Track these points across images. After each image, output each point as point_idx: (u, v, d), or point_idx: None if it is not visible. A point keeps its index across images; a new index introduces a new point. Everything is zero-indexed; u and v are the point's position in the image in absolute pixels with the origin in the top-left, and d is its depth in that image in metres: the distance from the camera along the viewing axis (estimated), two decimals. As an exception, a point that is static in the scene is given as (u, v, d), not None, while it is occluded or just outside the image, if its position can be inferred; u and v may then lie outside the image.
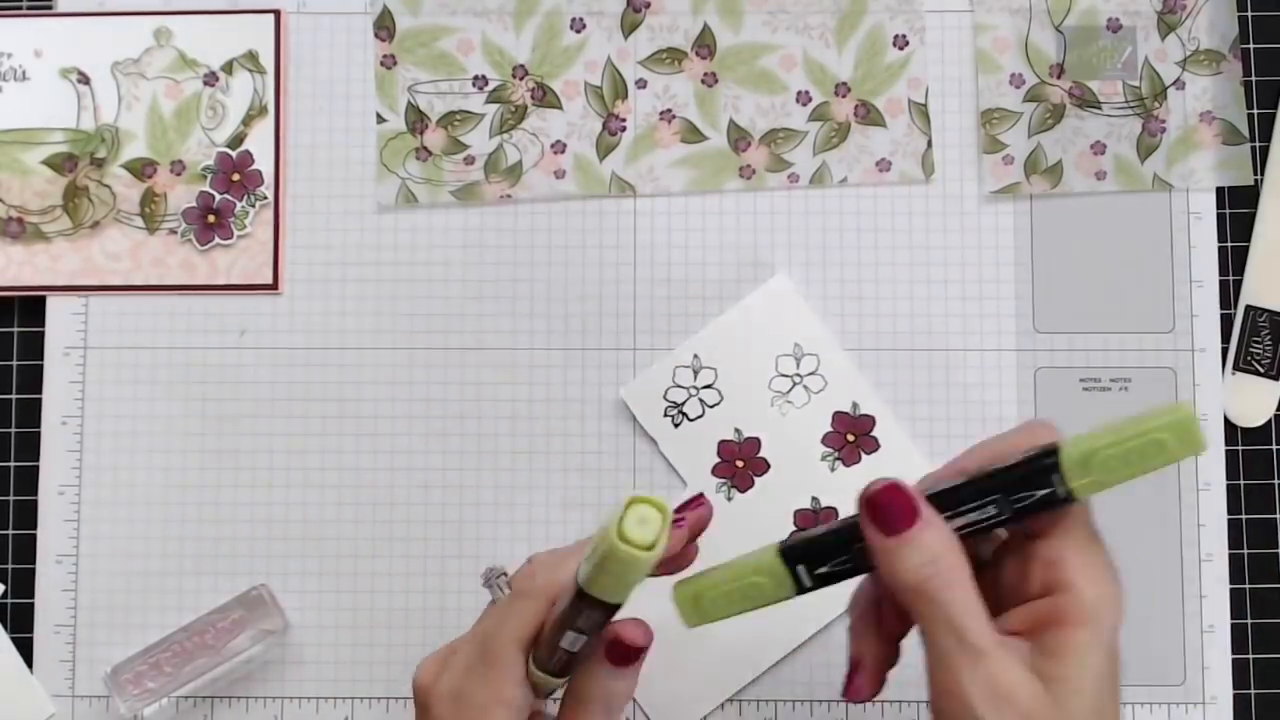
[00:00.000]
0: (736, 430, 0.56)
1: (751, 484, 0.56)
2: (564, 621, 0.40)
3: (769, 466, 0.56)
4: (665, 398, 0.56)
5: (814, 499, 0.56)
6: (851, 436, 0.56)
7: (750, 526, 0.55)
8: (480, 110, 0.58)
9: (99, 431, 0.57)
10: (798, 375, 0.56)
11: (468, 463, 0.57)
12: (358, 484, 0.56)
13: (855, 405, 0.56)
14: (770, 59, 0.58)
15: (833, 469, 0.56)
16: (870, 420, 0.56)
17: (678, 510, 0.43)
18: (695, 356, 0.56)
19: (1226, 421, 0.56)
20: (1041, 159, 0.57)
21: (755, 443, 0.56)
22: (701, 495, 0.44)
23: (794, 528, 0.56)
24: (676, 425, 0.56)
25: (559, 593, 0.41)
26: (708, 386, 0.56)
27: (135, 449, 0.57)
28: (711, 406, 0.56)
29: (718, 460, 0.56)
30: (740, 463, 0.56)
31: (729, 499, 0.56)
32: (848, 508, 0.55)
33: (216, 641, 0.54)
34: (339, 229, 0.58)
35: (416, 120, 0.58)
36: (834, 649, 0.56)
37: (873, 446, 0.56)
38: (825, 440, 0.56)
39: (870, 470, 0.56)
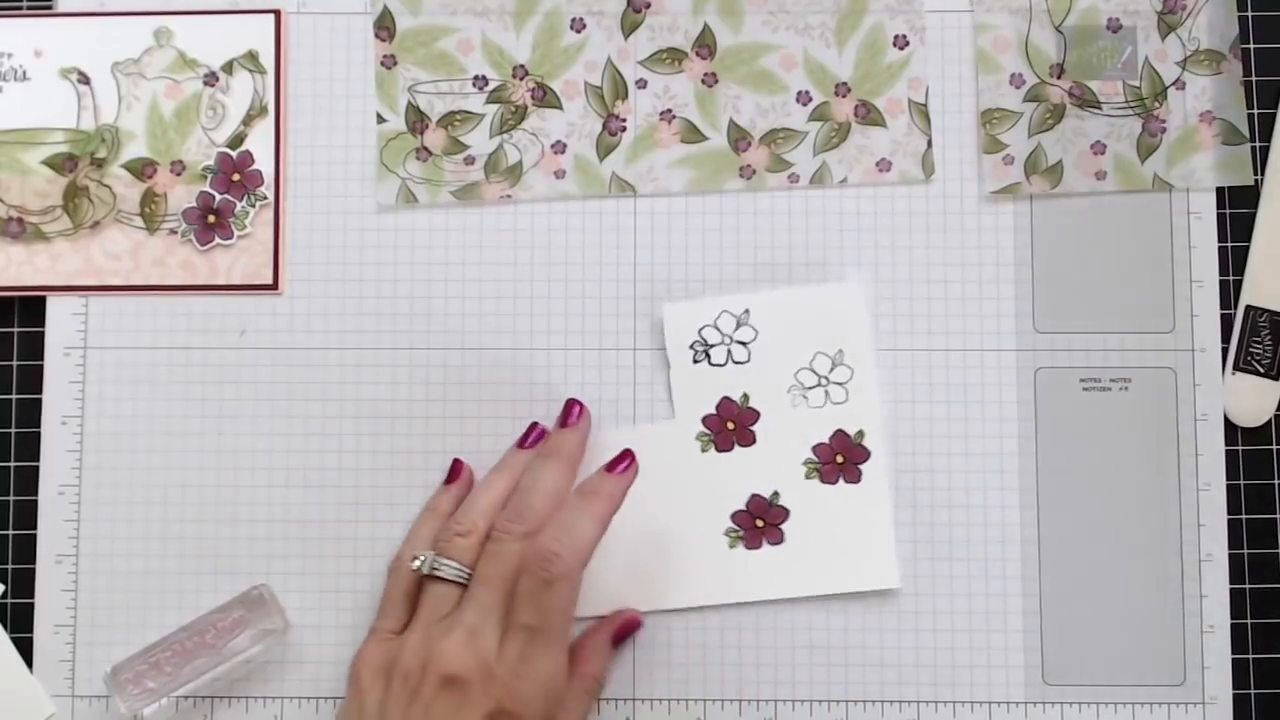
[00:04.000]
0: (745, 395, 0.56)
1: (730, 449, 0.56)
2: None
3: (754, 441, 0.56)
4: (699, 333, 0.56)
5: (775, 493, 0.56)
6: (840, 459, 0.56)
7: (705, 486, 0.56)
8: (480, 110, 0.58)
9: (99, 431, 0.57)
10: (826, 379, 0.56)
11: (467, 463, 0.56)
12: (358, 484, 0.56)
13: (861, 434, 0.56)
14: (770, 59, 0.58)
15: (808, 476, 0.56)
16: (865, 453, 0.56)
17: (609, 466, 0.54)
18: (746, 311, 0.56)
19: (1226, 421, 0.56)
20: (1041, 159, 0.57)
21: (754, 415, 0.56)
22: (629, 454, 0.55)
23: (740, 509, 0.56)
24: (696, 362, 0.56)
25: None
26: (742, 343, 0.56)
27: (135, 449, 0.57)
28: (736, 363, 0.56)
29: (712, 412, 0.56)
30: (731, 425, 0.56)
31: (703, 450, 0.56)
32: (804, 519, 0.55)
33: (217, 641, 0.54)
34: (339, 229, 0.58)
35: (416, 120, 0.58)
36: (834, 650, 0.56)
37: (854, 477, 0.56)
38: (816, 448, 0.56)
39: (838, 497, 0.55)
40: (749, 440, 0.56)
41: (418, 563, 0.52)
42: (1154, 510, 0.56)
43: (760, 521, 0.56)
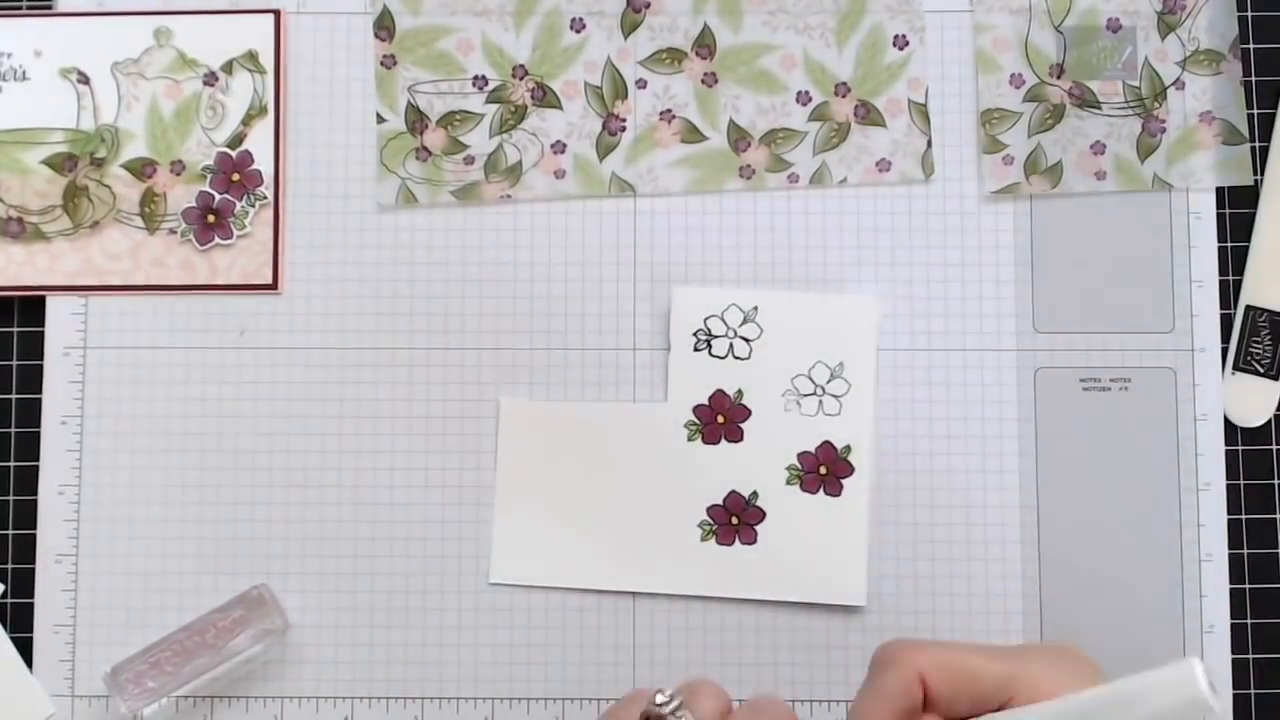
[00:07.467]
0: (740, 391, 0.56)
1: (717, 441, 0.56)
2: None
3: (741, 438, 0.56)
4: (705, 321, 0.56)
5: (754, 493, 0.56)
6: (824, 470, 0.56)
7: (686, 475, 0.56)
8: (480, 110, 0.58)
9: (99, 431, 0.57)
10: (822, 389, 0.56)
11: (467, 463, 0.57)
12: (358, 484, 0.56)
13: (848, 449, 0.56)
14: (770, 59, 0.58)
15: (788, 482, 0.56)
16: (849, 468, 0.56)
17: None
18: (755, 308, 0.56)
19: (1226, 421, 0.56)
20: (1041, 159, 0.57)
21: (745, 412, 0.56)
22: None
23: (717, 503, 0.56)
24: (696, 350, 0.56)
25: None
26: (745, 339, 0.56)
27: (135, 449, 0.57)
28: (736, 357, 0.56)
29: (705, 403, 0.56)
30: (721, 418, 0.56)
31: (689, 439, 0.56)
32: (779, 523, 0.55)
33: (217, 641, 0.54)
34: (339, 229, 0.58)
35: (416, 120, 0.58)
36: (834, 649, 0.56)
37: (835, 490, 0.56)
38: (800, 456, 0.56)
39: (817, 507, 0.55)
40: (736, 437, 0.56)
41: (662, 698, 0.39)
42: (1154, 510, 0.56)
43: (735, 519, 0.56)
